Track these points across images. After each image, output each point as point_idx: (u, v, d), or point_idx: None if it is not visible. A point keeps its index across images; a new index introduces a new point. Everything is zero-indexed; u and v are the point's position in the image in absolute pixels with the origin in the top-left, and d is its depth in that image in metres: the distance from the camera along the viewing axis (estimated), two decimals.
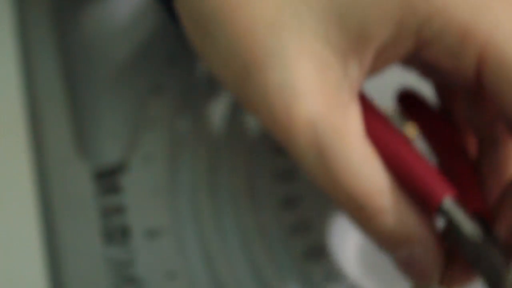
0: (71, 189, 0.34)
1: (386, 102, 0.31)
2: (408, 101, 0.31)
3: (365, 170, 0.25)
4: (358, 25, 0.25)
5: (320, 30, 0.26)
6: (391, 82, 0.32)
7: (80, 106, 0.36)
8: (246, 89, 0.26)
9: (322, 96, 0.25)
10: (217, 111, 0.36)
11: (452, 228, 0.26)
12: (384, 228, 0.25)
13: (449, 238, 0.26)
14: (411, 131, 0.31)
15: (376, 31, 0.25)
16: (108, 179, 0.35)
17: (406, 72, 0.29)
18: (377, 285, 0.33)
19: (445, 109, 0.30)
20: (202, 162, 0.35)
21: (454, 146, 0.29)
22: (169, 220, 0.34)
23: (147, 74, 0.36)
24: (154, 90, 0.36)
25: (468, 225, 0.26)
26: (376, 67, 0.27)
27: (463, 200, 0.26)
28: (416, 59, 0.27)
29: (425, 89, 0.31)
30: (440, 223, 0.27)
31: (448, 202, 0.26)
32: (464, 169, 0.28)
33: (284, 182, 0.34)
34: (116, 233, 0.34)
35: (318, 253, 0.33)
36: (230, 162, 0.35)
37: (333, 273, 0.33)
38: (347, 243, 0.34)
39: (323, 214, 0.34)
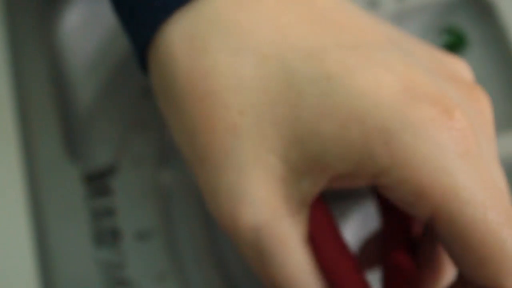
0: (61, 192, 0.34)
1: None
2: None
3: (298, 277, 0.26)
4: (317, 154, 0.25)
5: (279, 146, 0.25)
6: None
7: (70, 109, 0.36)
8: (199, 176, 0.27)
9: (268, 205, 0.26)
10: None
11: None
12: None
13: None
14: None
15: (334, 164, 0.25)
16: (98, 181, 0.35)
17: None
18: None
19: None
20: None
21: (403, 231, 0.29)
22: (160, 222, 0.34)
23: (137, 77, 0.36)
24: (144, 93, 0.36)
25: None
26: (332, 186, 0.26)
27: None
28: None
29: None
30: None
31: None
32: (404, 263, 0.29)
33: None
34: (106, 236, 0.34)
35: None
36: None
37: None
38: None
39: None
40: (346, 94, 0.25)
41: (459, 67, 0.28)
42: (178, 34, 0.27)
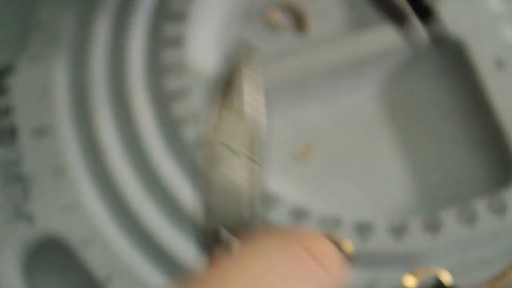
0: None
1: None
2: None
3: None
4: None
5: None
6: None
7: None
8: None
9: None
10: (104, 13, 0.35)
11: None
12: None
13: None
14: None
15: None
16: None
17: None
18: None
19: None
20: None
21: None
22: (57, 118, 0.33)
23: None
24: None
25: None
26: None
27: None
28: None
29: None
30: None
31: None
32: None
33: None
34: (3, 134, 0.33)
35: None
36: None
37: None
38: None
39: None
40: None
41: None
42: None
